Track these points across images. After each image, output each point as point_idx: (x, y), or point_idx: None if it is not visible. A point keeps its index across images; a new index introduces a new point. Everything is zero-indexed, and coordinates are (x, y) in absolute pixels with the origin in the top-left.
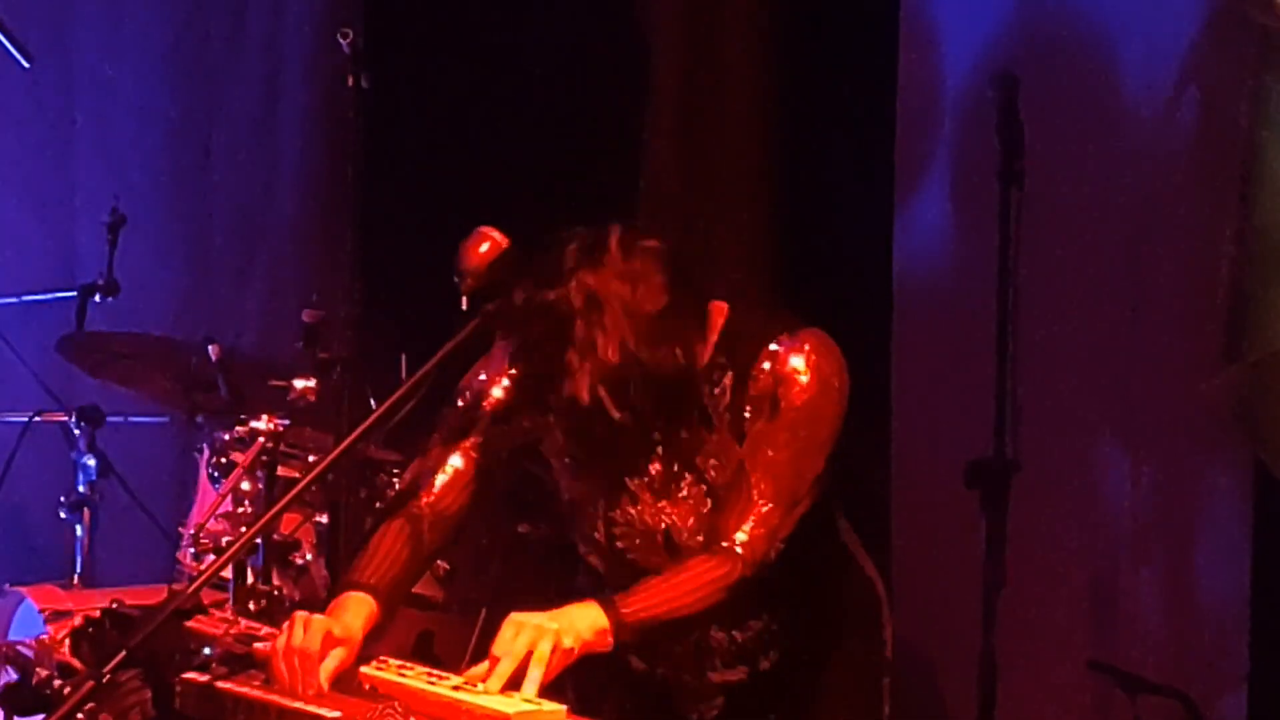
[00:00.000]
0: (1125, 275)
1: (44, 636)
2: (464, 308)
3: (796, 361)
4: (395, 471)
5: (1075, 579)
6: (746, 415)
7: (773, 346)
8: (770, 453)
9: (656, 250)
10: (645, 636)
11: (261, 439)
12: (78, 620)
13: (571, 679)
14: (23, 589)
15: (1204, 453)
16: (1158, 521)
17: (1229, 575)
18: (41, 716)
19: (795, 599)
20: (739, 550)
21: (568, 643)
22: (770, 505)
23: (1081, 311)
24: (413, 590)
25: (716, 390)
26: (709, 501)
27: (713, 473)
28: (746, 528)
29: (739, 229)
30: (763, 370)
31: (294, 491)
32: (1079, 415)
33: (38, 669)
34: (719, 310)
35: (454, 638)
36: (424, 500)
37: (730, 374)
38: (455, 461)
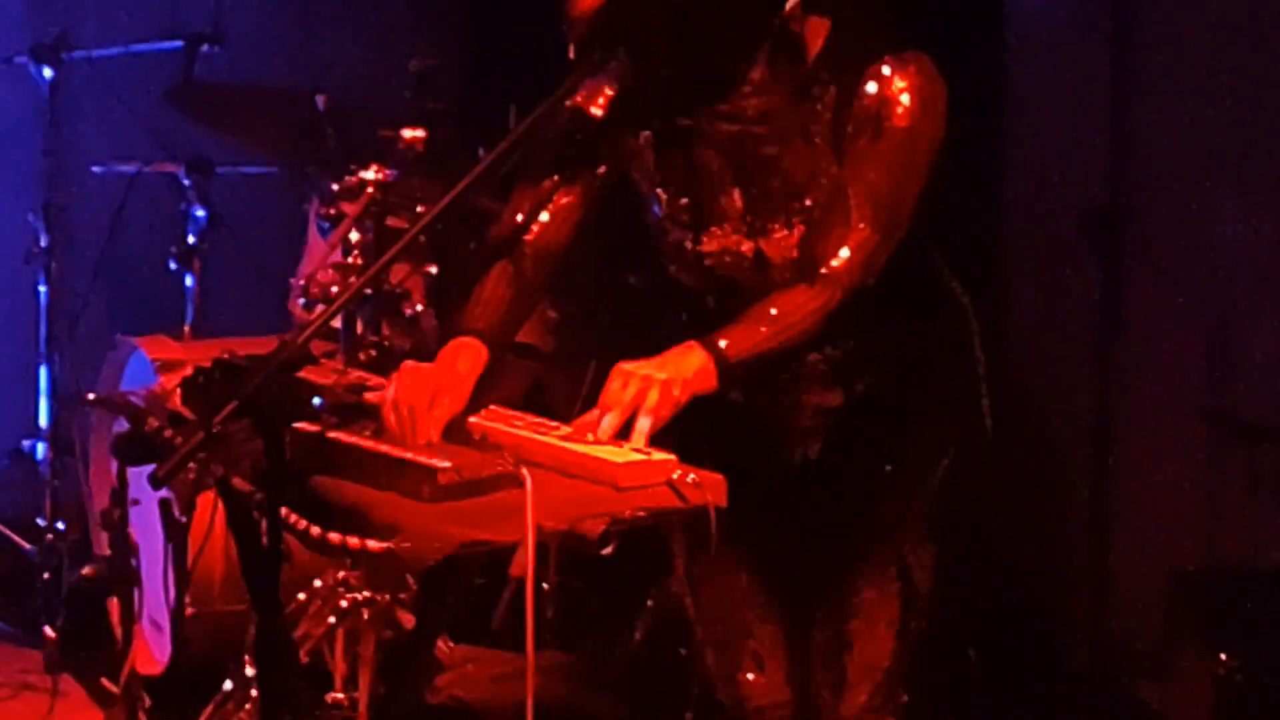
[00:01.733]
0: (1239, 16)
1: (155, 386)
2: (571, 56)
3: (902, 83)
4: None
5: (1191, 327)
6: (848, 133)
7: (877, 66)
8: (871, 176)
9: None
10: (749, 374)
11: (370, 189)
12: (189, 370)
13: (668, 425)
14: (135, 339)
15: None
16: (1277, 268)
17: None
18: (152, 466)
19: (886, 320)
20: (838, 276)
21: (676, 391)
22: (870, 230)
23: (1198, 53)
24: (523, 340)
25: (819, 105)
26: (800, 220)
27: (807, 196)
28: (845, 253)
29: None
30: (867, 90)
31: (402, 242)
32: (1195, 160)
33: (149, 419)
34: (820, 24)
35: (564, 387)
36: (525, 239)
37: (833, 89)
38: (554, 195)
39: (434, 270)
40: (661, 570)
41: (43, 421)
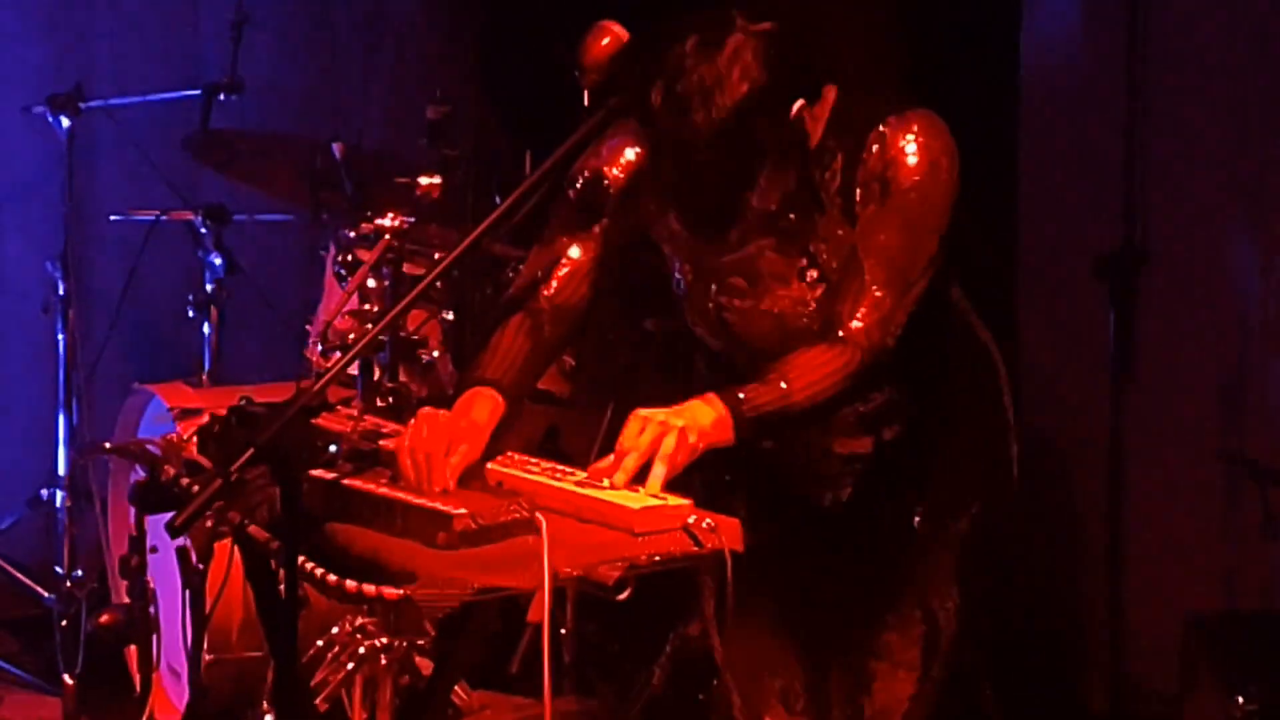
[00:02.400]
0: (1255, 61)
1: (172, 434)
2: (586, 103)
3: (905, 143)
4: (520, 268)
5: (1205, 369)
6: (857, 198)
7: (881, 128)
8: (882, 237)
9: (771, 34)
10: (767, 430)
11: (387, 236)
12: (205, 418)
13: (698, 468)
14: (151, 387)
15: None
16: None
17: None
18: (170, 514)
19: (914, 369)
20: (856, 338)
21: (692, 439)
22: (884, 291)
23: (1211, 97)
24: (539, 386)
25: (827, 173)
26: (821, 285)
27: (824, 256)
28: (861, 314)
29: (862, 13)
30: (871, 152)
31: (419, 288)
32: (1210, 204)
33: (166, 467)
34: (827, 92)
35: (580, 432)
36: (544, 294)
37: (840, 156)
38: (574, 252)
39: (451, 316)
40: (679, 615)
41: (61, 470)
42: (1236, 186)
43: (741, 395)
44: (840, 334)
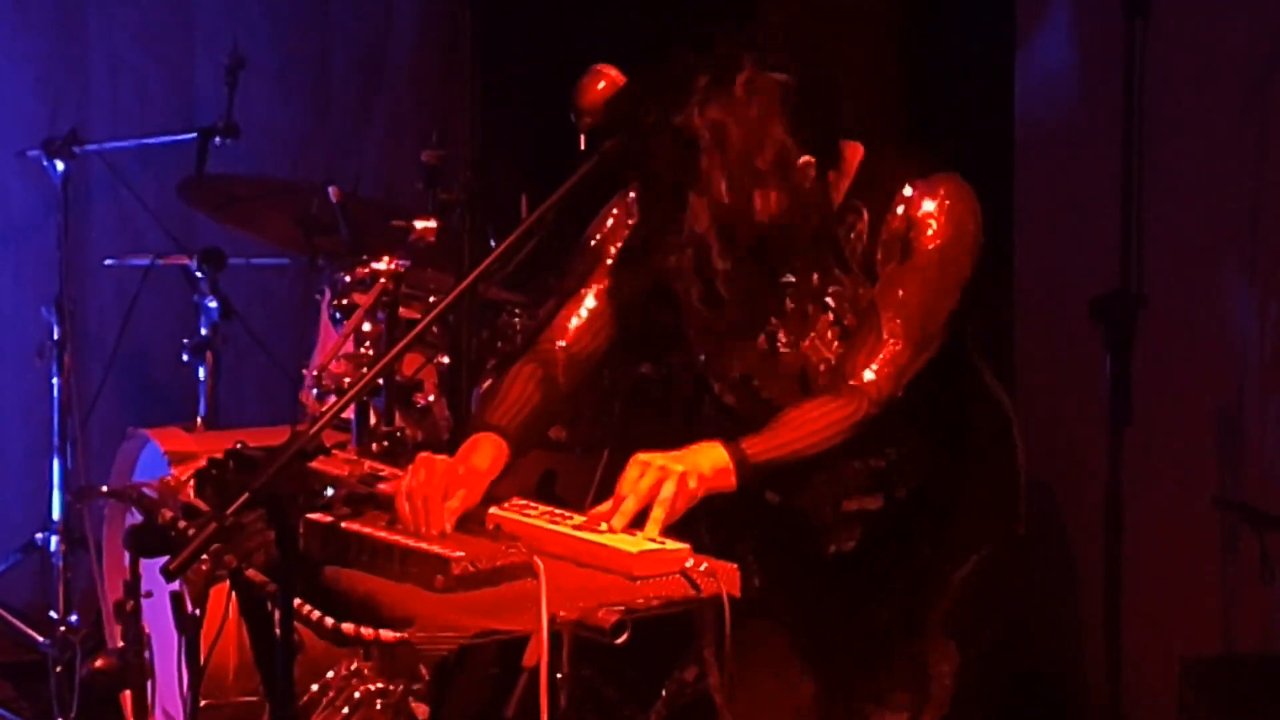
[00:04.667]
0: (1252, 102)
1: (168, 478)
2: (582, 147)
3: (929, 206)
4: (516, 312)
5: (1202, 413)
6: (878, 258)
7: (906, 190)
8: (900, 292)
9: (784, 85)
10: (769, 476)
11: (382, 280)
12: (201, 462)
13: (706, 515)
14: (147, 431)
15: None
16: None
17: None
18: (166, 558)
19: (929, 425)
20: (867, 389)
21: (692, 484)
22: (900, 344)
23: (1208, 141)
24: None
25: (851, 234)
26: (842, 342)
27: (849, 317)
28: (874, 366)
29: (859, 63)
30: (895, 214)
31: (415, 332)
32: (1205, 247)
33: (162, 510)
34: (854, 150)
35: (576, 477)
36: (558, 343)
37: (865, 217)
38: (589, 303)
39: (446, 360)
40: (676, 659)
41: (55, 514)
42: (1233, 229)
43: (746, 444)
44: (851, 383)
